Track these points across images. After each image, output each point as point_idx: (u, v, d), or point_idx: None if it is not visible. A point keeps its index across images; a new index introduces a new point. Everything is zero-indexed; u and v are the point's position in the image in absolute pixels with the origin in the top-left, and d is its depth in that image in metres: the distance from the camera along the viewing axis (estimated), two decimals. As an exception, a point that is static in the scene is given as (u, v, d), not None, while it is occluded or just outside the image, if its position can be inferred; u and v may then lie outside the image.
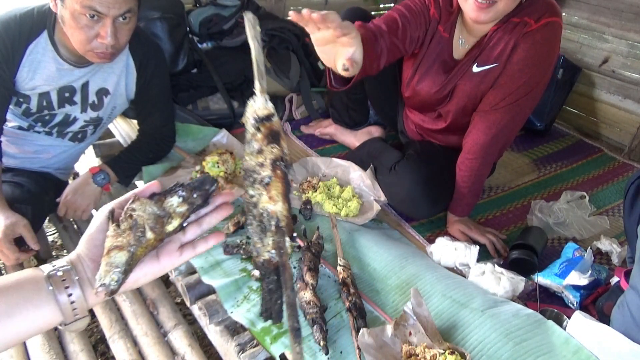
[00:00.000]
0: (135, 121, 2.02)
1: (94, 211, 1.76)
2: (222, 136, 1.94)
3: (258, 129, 0.67)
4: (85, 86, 1.47)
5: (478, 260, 1.40)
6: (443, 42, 1.46)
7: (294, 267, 1.34)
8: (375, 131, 1.99)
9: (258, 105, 0.66)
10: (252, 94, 0.65)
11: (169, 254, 0.68)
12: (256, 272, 1.28)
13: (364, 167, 1.77)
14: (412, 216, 1.67)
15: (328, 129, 2.08)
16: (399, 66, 1.69)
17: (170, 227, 0.66)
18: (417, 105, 1.67)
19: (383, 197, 1.66)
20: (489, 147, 1.45)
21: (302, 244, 1.39)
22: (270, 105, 0.66)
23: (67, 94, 1.46)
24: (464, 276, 1.38)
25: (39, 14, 1.35)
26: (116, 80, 1.52)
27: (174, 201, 0.67)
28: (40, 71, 1.38)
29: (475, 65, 1.42)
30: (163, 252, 0.68)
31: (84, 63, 1.42)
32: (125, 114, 1.93)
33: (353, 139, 2.01)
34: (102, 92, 1.52)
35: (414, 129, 1.79)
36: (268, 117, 0.67)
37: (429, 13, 1.43)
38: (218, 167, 1.66)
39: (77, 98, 1.48)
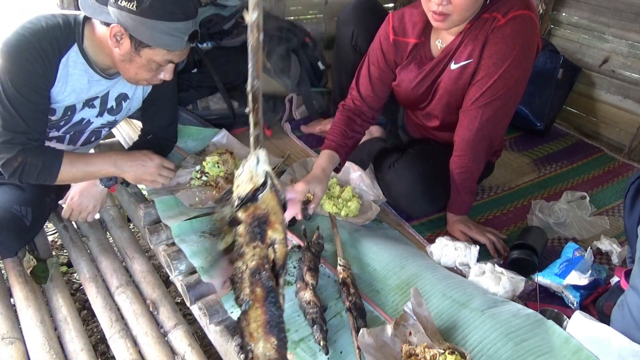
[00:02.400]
0: (135, 122, 2.02)
1: (97, 215, 1.76)
2: (222, 136, 1.94)
3: (235, 220, 0.53)
4: (106, 94, 1.47)
5: (478, 260, 1.40)
6: (420, 45, 1.52)
7: (294, 267, 1.34)
8: (375, 131, 2.00)
9: (242, 174, 0.53)
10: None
11: None
12: None
13: (364, 167, 1.77)
14: (411, 213, 1.67)
15: (329, 126, 2.08)
16: None
17: None
18: (404, 103, 1.71)
19: (382, 196, 1.66)
20: (475, 144, 1.46)
21: (302, 244, 1.39)
22: (261, 169, 0.52)
23: (91, 103, 1.46)
24: (464, 276, 1.38)
25: (65, 25, 1.30)
26: (135, 85, 1.52)
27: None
28: (71, 84, 1.36)
29: (453, 62, 1.46)
30: None
31: (113, 74, 1.43)
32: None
33: None
34: (121, 97, 1.52)
35: (415, 127, 1.81)
36: (253, 194, 0.53)
37: (388, 44, 1.56)
38: (218, 167, 1.66)
39: (97, 103, 1.47)
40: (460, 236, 1.55)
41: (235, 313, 1.19)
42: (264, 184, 0.50)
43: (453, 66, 1.46)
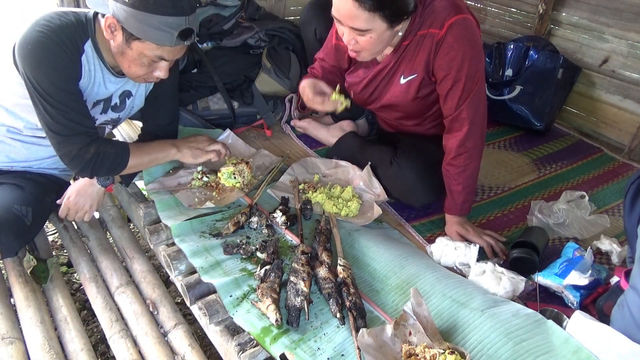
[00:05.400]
0: (135, 122, 2.02)
1: (96, 213, 1.76)
2: (227, 135, 1.94)
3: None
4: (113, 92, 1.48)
5: (478, 260, 1.40)
6: None
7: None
8: (347, 126, 2.02)
9: None
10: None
11: None
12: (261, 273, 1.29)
13: (354, 163, 1.79)
14: (414, 204, 1.71)
15: (302, 122, 2.14)
16: None
17: None
18: (357, 102, 1.78)
19: (382, 196, 1.67)
20: (469, 141, 1.50)
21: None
22: None
23: (99, 102, 1.46)
24: (464, 276, 1.38)
25: (77, 22, 1.31)
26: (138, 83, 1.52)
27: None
28: (92, 80, 1.37)
29: (402, 77, 1.55)
30: None
31: (120, 72, 1.43)
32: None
33: (326, 133, 2.05)
34: (125, 95, 1.52)
35: (385, 123, 1.90)
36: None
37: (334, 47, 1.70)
38: (235, 178, 1.64)
39: (101, 101, 1.48)
40: (457, 238, 1.55)
41: (235, 316, 1.20)
42: None
43: (402, 80, 1.55)
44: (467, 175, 1.53)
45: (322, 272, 1.27)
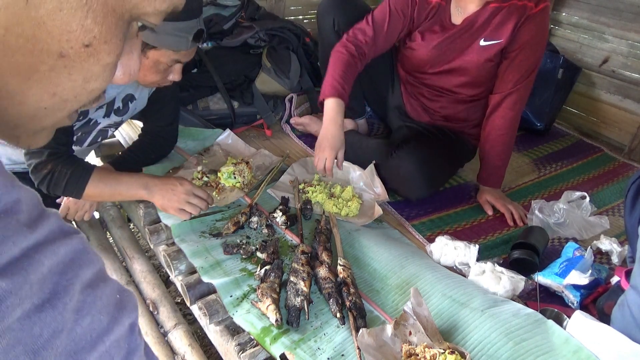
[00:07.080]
0: (136, 122, 2.02)
1: (95, 213, 1.75)
2: (227, 135, 1.93)
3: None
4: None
5: (478, 260, 1.40)
6: (440, 8, 1.65)
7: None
8: (348, 124, 2.03)
9: None
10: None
11: None
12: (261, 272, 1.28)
13: (355, 162, 1.79)
14: (410, 197, 1.74)
15: (302, 119, 2.14)
16: (391, 55, 1.88)
17: None
18: (413, 66, 1.79)
19: (383, 195, 1.67)
20: (516, 121, 1.64)
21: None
22: None
23: (102, 106, 1.46)
24: (464, 275, 1.38)
25: None
26: (141, 86, 1.51)
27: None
28: None
29: (483, 40, 1.60)
30: None
31: None
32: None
33: None
34: (128, 98, 1.51)
35: (420, 110, 1.88)
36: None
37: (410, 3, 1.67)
38: (235, 177, 1.63)
39: (104, 105, 1.47)
40: (485, 204, 1.73)
41: (236, 316, 1.19)
42: None
43: (482, 43, 1.59)
44: (508, 151, 1.69)
45: (322, 272, 1.27)
